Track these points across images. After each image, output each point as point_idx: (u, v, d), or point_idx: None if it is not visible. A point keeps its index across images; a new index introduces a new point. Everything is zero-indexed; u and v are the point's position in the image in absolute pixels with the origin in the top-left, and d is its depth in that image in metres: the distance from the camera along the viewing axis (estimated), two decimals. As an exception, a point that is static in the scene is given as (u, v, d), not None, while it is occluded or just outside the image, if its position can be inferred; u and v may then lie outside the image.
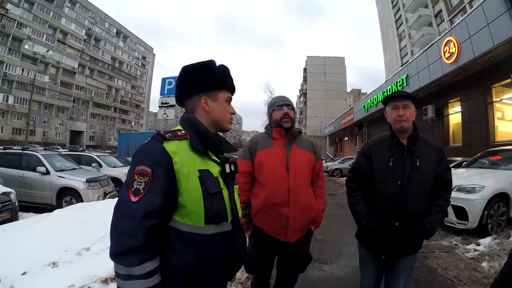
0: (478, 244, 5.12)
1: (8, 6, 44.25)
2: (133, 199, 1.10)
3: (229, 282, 1.42)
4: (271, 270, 2.48)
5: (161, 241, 1.16)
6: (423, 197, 1.99)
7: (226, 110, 1.38)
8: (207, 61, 1.37)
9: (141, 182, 1.12)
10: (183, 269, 1.16)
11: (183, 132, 1.27)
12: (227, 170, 1.32)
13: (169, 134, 1.22)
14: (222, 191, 1.27)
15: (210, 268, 1.20)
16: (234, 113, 1.43)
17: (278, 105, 2.39)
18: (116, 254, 1.07)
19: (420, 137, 2.06)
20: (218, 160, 1.33)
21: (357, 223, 2.23)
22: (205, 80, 1.33)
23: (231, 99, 1.42)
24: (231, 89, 1.42)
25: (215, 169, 1.28)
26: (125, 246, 1.06)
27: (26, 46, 48.24)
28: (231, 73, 1.43)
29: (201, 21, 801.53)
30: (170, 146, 1.18)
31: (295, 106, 2.67)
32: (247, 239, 2.44)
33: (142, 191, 1.11)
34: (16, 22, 46.08)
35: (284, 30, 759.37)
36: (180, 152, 1.19)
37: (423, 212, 2.00)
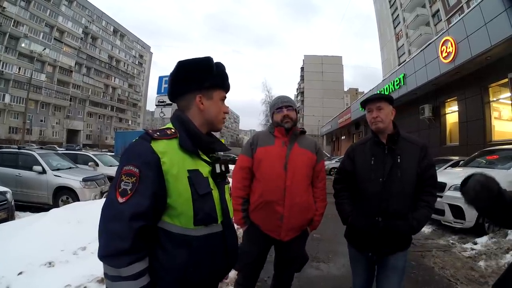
0: (475, 243, 5.14)
1: (5, 4, 43.91)
2: (120, 200, 1.08)
3: (221, 282, 1.40)
4: (259, 272, 2.43)
5: (151, 242, 1.14)
6: (405, 194, 2.02)
7: (220, 109, 1.35)
8: (205, 57, 1.32)
9: (128, 183, 1.09)
10: (173, 270, 1.14)
11: (172, 130, 1.24)
12: (218, 170, 1.30)
13: (158, 133, 1.19)
14: (212, 191, 1.24)
15: (201, 269, 1.19)
16: (227, 113, 1.40)
17: (277, 107, 2.37)
18: (105, 255, 1.06)
19: (402, 136, 2.12)
20: (209, 160, 1.30)
21: (343, 222, 2.28)
22: (203, 78, 1.29)
23: (225, 98, 1.39)
24: (227, 88, 1.39)
25: (205, 169, 1.26)
26: (114, 247, 1.04)
27: (23, 45, 47.96)
28: (227, 71, 1.39)
29: (196, 20, 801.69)
30: (158, 146, 1.15)
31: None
32: (242, 235, 2.44)
33: (129, 192, 1.08)
34: (13, 20, 45.74)
35: (280, 28, 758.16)
36: (169, 152, 1.16)
37: (406, 209, 2.03)
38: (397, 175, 2.01)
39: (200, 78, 1.29)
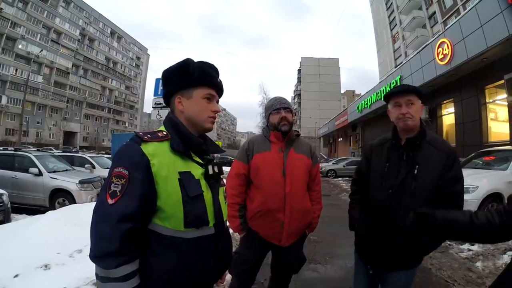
0: (472, 244, 5.13)
1: (2, 5, 43.81)
2: (110, 201, 1.09)
3: (215, 285, 1.38)
4: (255, 276, 2.41)
5: (141, 244, 1.14)
6: None
7: (203, 108, 1.31)
8: (183, 60, 1.32)
9: (118, 185, 1.10)
10: (163, 273, 1.14)
11: (164, 133, 1.25)
12: (210, 171, 1.28)
13: (148, 136, 1.20)
14: (203, 193, 1.23)
15: (192, 272, 1.18)
16: (216, 111, 1.35)
17: (275, 108, 2.32)
18: (94, 256, 1.07)
19: (427, 139, 1.80)
20: (202, 162, 1.29)
21: (350, 227, 2.12)
22: (179, 79, 1.29)
23: (211, 95, 1.33)
24: (211, 85, 1.32)
25: (197, 171, 1.25)
26: (103, 249, 1.05)
27: (20, 46, 47.84)
28: (213, 69, 1.35)
29: (189, 21, 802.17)
30: (148, 148, 1.15)
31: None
32: (239, 239, 2.43)
33: (118, 194, 1.09)
34: (10, 21, 45.67)
35: (274, 30, 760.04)
36: (159, 154, 1.16)
37: None
38: (410, 188, 1.72)
39: (176, 80, 1.30)
